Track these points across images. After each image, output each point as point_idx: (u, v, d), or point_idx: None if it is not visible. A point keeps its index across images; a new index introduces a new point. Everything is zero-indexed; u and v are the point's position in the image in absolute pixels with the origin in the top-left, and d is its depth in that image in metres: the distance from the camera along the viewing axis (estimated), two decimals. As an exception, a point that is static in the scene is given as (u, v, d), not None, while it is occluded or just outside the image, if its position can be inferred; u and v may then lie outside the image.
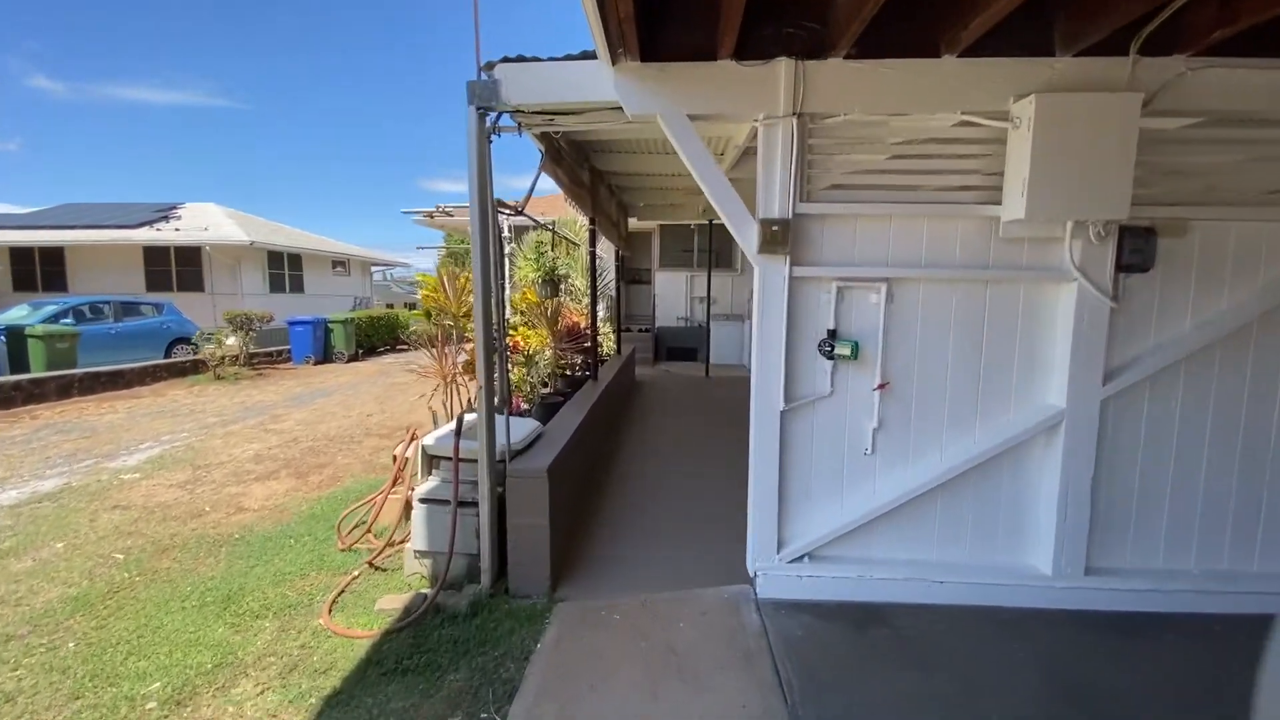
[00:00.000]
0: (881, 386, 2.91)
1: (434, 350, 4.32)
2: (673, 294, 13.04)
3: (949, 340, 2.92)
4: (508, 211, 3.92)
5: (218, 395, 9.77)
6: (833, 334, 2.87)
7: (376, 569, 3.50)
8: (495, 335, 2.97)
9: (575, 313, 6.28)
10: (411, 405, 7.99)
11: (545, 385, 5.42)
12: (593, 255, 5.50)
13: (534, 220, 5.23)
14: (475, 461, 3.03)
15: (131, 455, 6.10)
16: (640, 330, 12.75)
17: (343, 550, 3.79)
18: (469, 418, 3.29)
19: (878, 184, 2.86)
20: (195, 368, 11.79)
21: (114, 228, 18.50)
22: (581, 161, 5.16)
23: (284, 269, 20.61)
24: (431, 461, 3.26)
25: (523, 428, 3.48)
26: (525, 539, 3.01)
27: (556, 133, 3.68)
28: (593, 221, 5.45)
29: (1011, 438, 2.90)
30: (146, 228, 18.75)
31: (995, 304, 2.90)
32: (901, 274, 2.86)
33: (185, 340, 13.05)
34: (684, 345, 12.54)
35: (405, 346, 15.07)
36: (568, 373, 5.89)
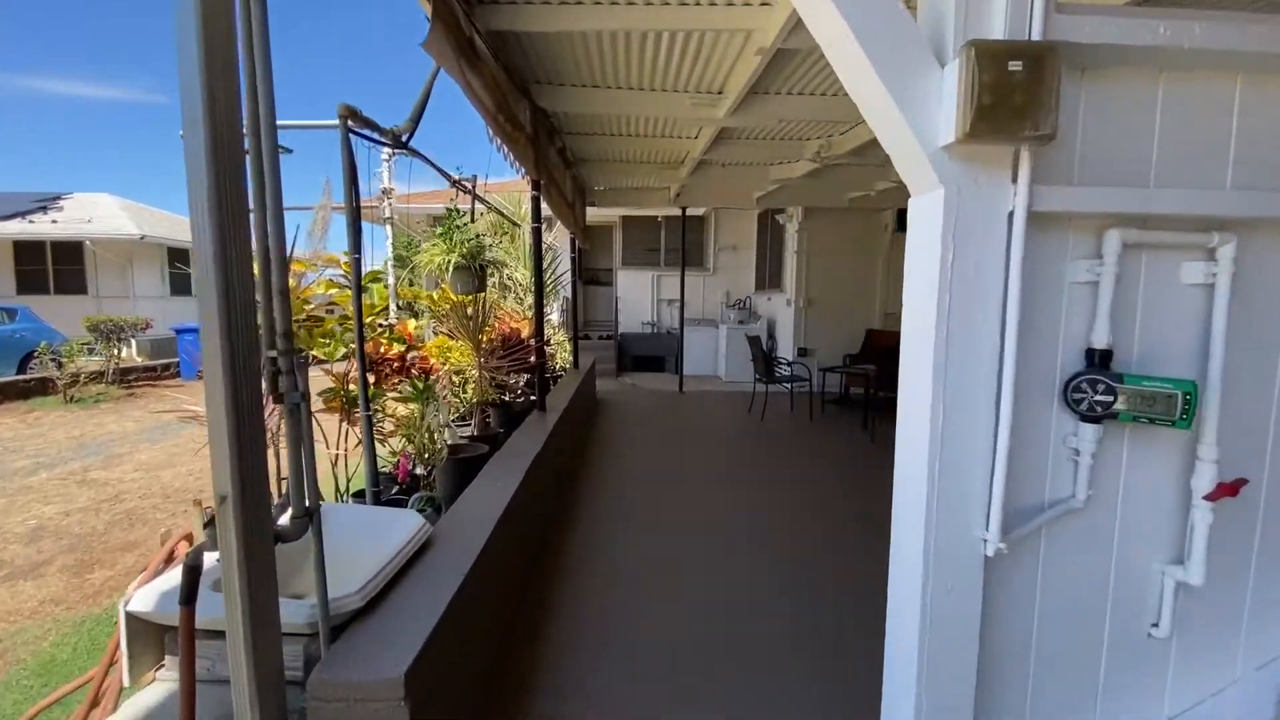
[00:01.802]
0: (1228, 489, 1.32)
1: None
2: (638, 296, 11.47)
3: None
4: (378, 138, 2.24)
5: (57, 424, 7.57)
6: (1103, 360, 1.28)
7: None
8: (277, 352, 1.24)
9: (514, 316, 4.61)
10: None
11: (467, 420, 3.72)
12: (537, 234, 3.86)
13: (429, 163, 3.54)
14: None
15: None
16: (601, 337, 11.11)
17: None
18: (209, 560, 1.34)
19: None
20: (43, 387, 9.43)
21: (-29, 219, 15.57)
22: (518, 94, 3.52)
23: (189, 268, 17.97)
24: (163, 634, 1.53)
25: (382, 540, 1.78)
26: None
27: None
28: (537, 186, 3.82)
29: None
30: (18, 219, 15.87)
31: None
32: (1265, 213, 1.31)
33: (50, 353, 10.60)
34: (651, 354, 10.97)
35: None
36: (505, 398, 4.21)
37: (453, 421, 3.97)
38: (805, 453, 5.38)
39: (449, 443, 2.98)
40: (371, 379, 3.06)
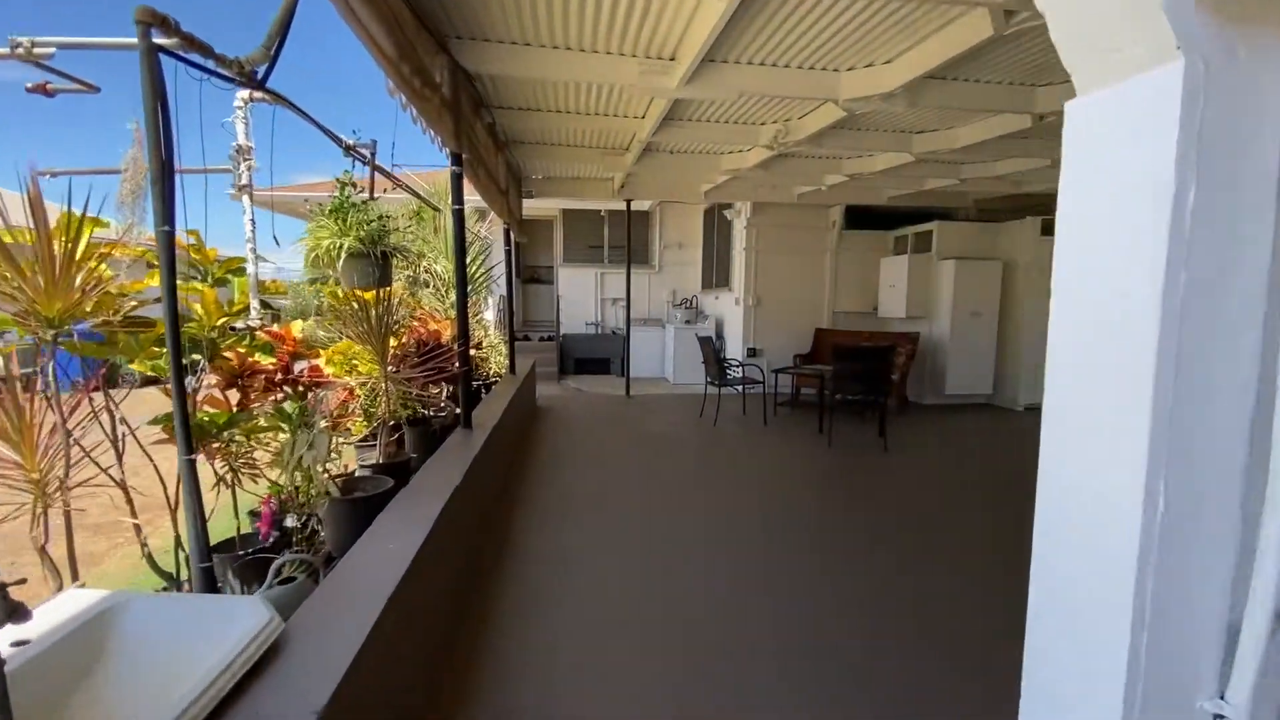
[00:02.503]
0: None
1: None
2: (580, 295, 10.87)
3: None
4: (216, 69, 1.59)
5: None
6: None
7: None
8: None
9: (434, 317, 3.94)
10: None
11: (374, 439, 3.04)
12: (459, 218, 3.24)
13: (302, 114, 2.85)
14: None
15: None
16: (542, 339, 10.45)
17: None
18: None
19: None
20: None
21: None
22: (433, 46, 2.89)
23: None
24: None
25: (197, 654, 1.16)
26: None
27: None
28: (457, 160, 3.20)
29: None
30: None
31: None
32: None
33: None
34: (596, 356, 10.41)
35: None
36: (425, 414, 3.56)
37: (360, 444, 3.29)
38: (764, 461, 4.98)
39: (345, 475, 2.33)
40: (235, 397, 2.36)
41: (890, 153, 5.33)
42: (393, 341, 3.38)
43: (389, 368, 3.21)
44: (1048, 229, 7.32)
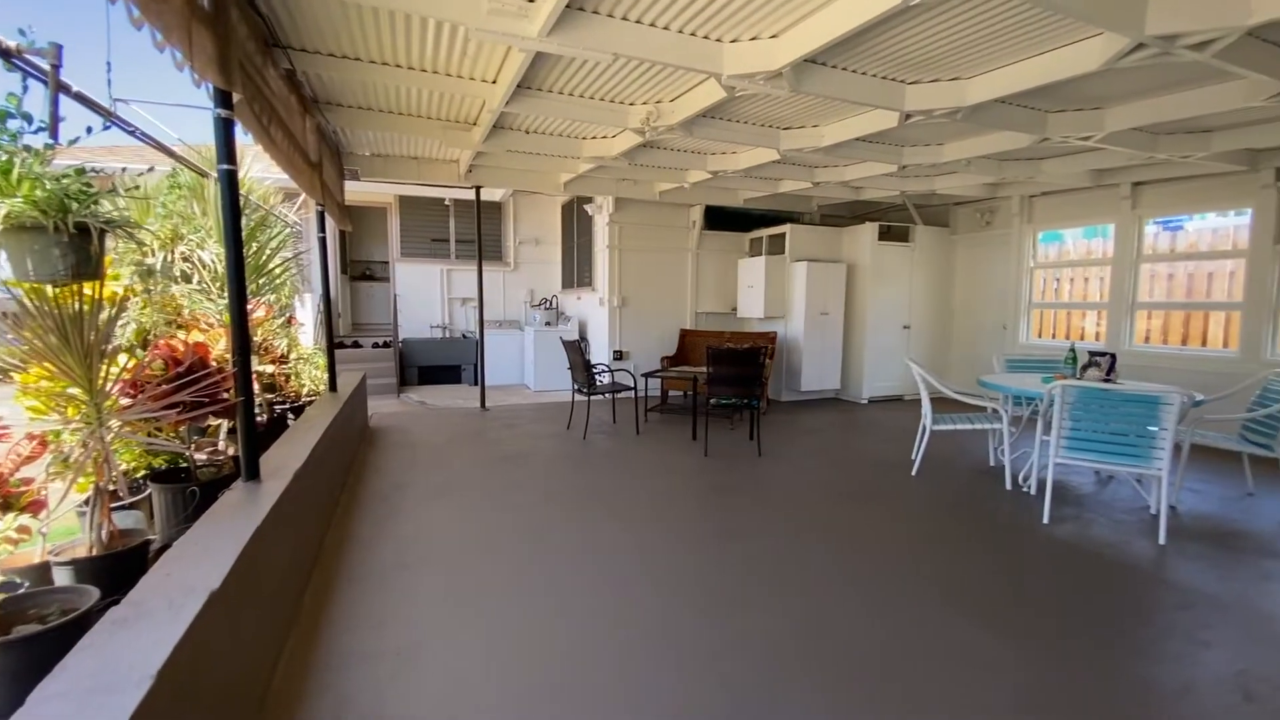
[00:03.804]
0: None
1: None
2: (423, 294, 9.62)
3: None
4: None
5: None
6: None
7: None
8: None
9: (196, 324, 2.79)
10: None
11: (124, 498, 1.97)
12: (231, 181, 2.27)
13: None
14: None
15: None
16: (378, 344, 9.03)
17: None
18: None
19: None
20: None
21: None
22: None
23: None
24: None
25: None
26: None
27: None
28: (225, 101, 2.23)
29: None
30: None
31: None
32: None
33: None
34: (443, 363, 9.25)
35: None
36: (183, 465, 2.49)
37: (118, 506, 2.15)
38: (642, 478, 4.50)
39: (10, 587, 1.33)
40: None
41: (758, 149, 5.17)
42: (124, 360, 2.28)
43: (122, 400, 2.14)
44: (884, 234, 7.87)
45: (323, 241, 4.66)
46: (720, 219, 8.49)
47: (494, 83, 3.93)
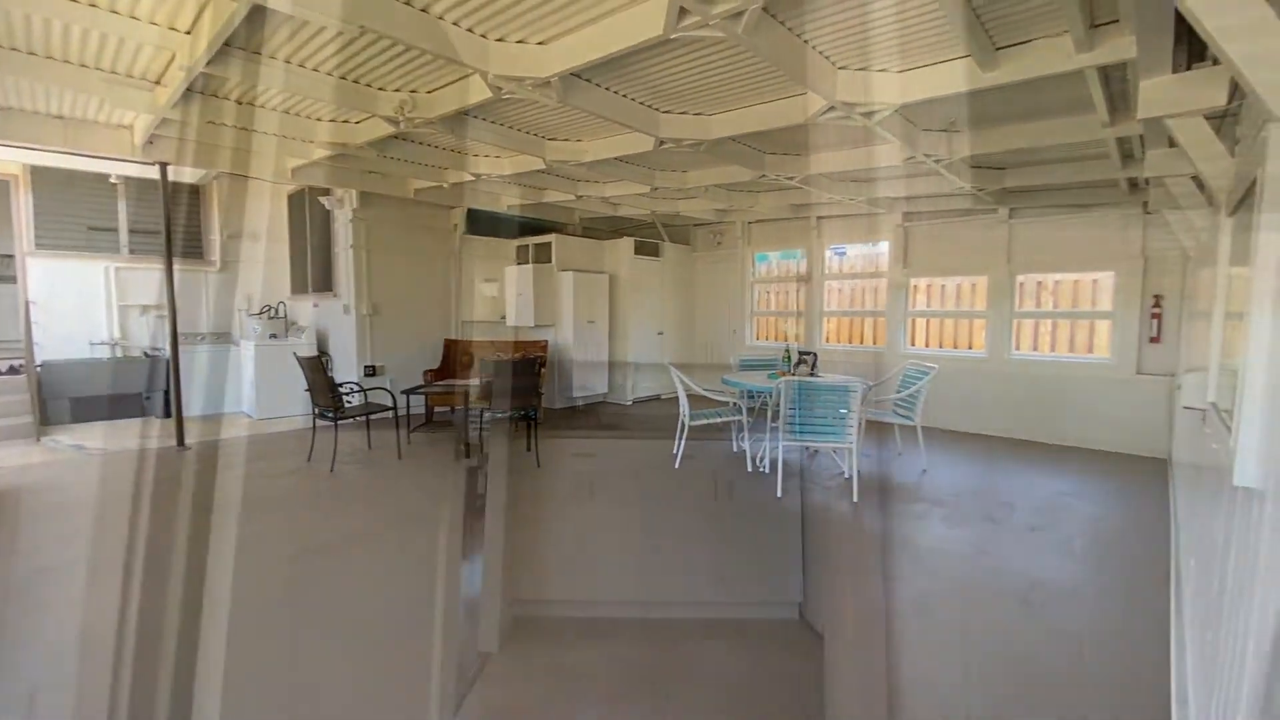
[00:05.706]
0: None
1: None
2: (74, 300, 7.16)
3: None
4: None
5: None
6: None
7: None
8: None
9: None
10: None
11: None
12: None
13: None
14: None
15: None
16: (4, 371, 6.39)
17: None
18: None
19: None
20: None
21: None
22: None
23: None
24: None
25: None
26: None
27: None
28: None
29: None
30: None
31: None
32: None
33: None
34: (112, 392, 7.01)
35: None
36: None
37: None
38: (403, 514, 4.03)
39: None
40: None
41: (525, 155, 5.10)
42: None
43: None
44: (639, 249, 8.54)
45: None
46: (485, 224, 8.19)
47: (188, 34, 3.09)
